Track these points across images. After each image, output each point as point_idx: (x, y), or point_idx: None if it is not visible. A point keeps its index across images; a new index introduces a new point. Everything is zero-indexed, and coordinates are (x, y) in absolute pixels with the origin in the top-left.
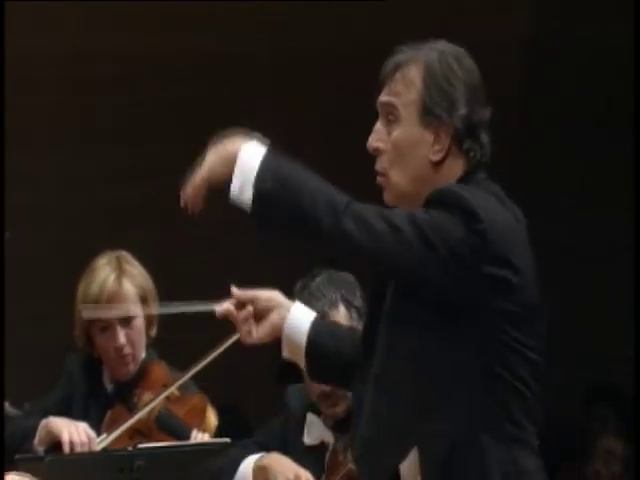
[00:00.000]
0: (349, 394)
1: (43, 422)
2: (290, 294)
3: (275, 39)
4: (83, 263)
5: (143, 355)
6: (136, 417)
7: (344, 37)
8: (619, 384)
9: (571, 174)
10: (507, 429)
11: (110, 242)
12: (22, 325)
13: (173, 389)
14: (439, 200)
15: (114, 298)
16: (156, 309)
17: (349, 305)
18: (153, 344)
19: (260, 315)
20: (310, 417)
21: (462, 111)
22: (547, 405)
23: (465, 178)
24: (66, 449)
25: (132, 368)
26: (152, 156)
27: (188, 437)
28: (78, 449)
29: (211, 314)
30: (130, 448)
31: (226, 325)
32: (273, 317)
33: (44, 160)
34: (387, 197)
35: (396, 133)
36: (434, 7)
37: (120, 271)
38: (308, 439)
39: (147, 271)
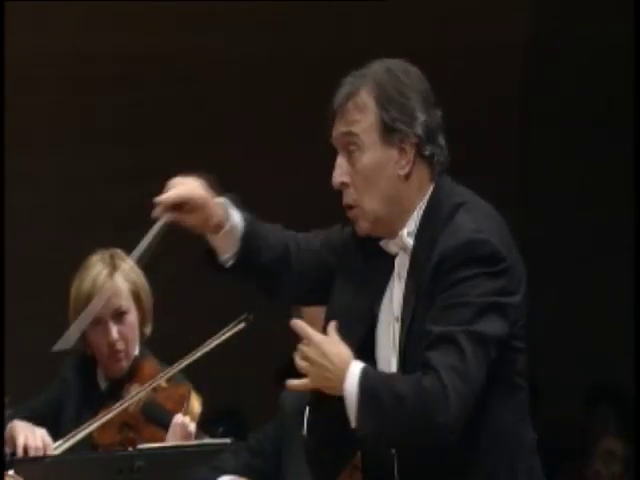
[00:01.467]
0: None
1: (9, 426)
2: None
3: (275, 39)
4: (83, 263)
5: (136, 352)
6: (119, 408)
7: (344, 37)
8: (619, 384)
9: (571, 174)
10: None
11: (110, 242)
12: (22, 325)
13: (159, 381)
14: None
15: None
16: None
17: None
18: (147, 342)
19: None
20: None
21: (421, 119)
22: (547, 405)
23: (438, 187)
24: (19, 452)
25: (125, 364)
26: (152, 156)
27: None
28: (32, 453)
29: None
30: (130, 448)
31: (218, 320)
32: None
33: (44, 160)
34: (362, 226)
35: (361, 161)
36: (434, 7)
37: (112, 267)
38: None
39: (147, 271)
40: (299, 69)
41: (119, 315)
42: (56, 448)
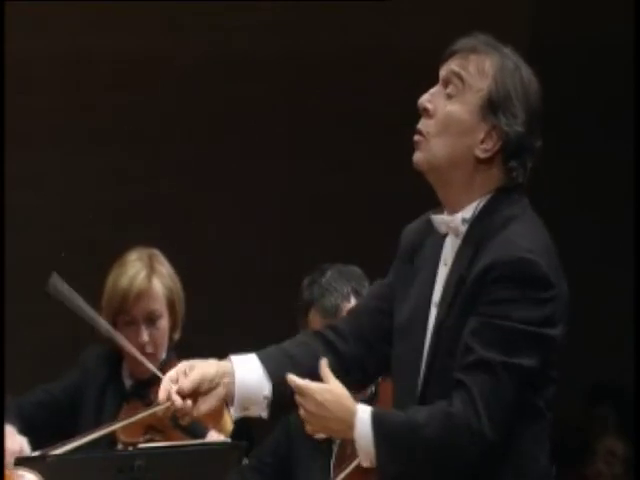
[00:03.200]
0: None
1: None
2: (298, 290)
3: (276, 39)
4: (83, 263)
5: (163, 356)
6: (149, 411)
7: (344, 38)
8: (619, 384)
9: (571, 174)
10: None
11: (110, 242)
12: (22, 325)
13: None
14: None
15: (142, 295)
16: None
17: (359, 297)
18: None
19: (205, 392)
20: None
21: (519, 127)
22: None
23: (502, 193)
24: None
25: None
26: (152, 156)
27: (201, 436)
28: (8, 458)
29: None
30: (130, 448)
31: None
32: (220, 390)
33: (44, 160)
34: (418, 158)
35: (453, 107)
36: (434, 8)
37: (151, 269)
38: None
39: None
40: (299, 69)
41: (152, 319)
42: (76, 443)
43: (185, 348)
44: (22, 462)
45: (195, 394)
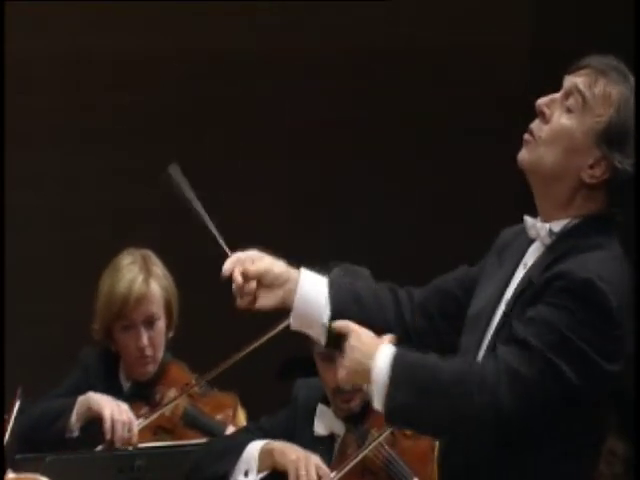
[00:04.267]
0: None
1: (82, 398)
2: None
3: (276, 39)
4: (83, 263)
5: (161, 355)
6: (161, 410)
7: (343, 38)
8: (619, 384)
9: None
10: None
11: (110, 242)
12: (22, 325)
13: (200, 383)
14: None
15: (142, 299)
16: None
17: None
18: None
19: (266, 286)
20: (321, 408)
21: (630, 168)
22: None
23: (594, 221)
24: (107, 426)
25: (152, 368)
26: (152, 156)
27: (217, 433)
28: (119, 429)
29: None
30: (130, 448)
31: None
32: (279, 292)
33: (44, 160)
34: (524, 156)
35: (569, 122)
36: (434, 8)
37: (147, 272)
38: (318, 429)
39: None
40: (300, 69)
41: (150, 321)
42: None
43: (186, 348)
44: (22, 462)
45: (257, 284)
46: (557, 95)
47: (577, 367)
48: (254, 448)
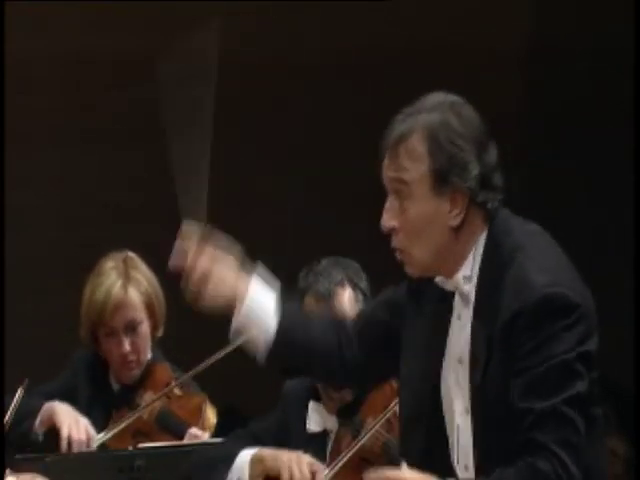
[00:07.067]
0: None
1: (47, 405)
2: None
3: (276, 39)
4: (83, 263)
5: (149, 356)
6: (135, 415)
7: (343, 39)
8: (619, 383)
9: (570, 174)
10: None
11: (110, 242)
12: (22, 325)
13: (172, 387)
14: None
15: (120, 306)
16: None
17: (355, 286)
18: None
19: (214, 283)
20: (313, 404)
21: (475, 171)
22: None
23: (493, 230)
24: (63, 445)
25: (137, 372)
26: (152, 156)
27: (184, 435)
28: (75, 447)
29: None
30: (130, 448)
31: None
32: (227, 291)
33: (44, 160)
34: (410, 271)
35: (411, 211)
36: (434, 8)
37: (126, 278)
38: (311, 426)
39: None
40: (300, 69)
41: (132, 326)
42: (98, 440)
43: (185, 348)
44: (22, 462)
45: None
46: (388, 202)
47: (584, 373)
48: (245, 456)
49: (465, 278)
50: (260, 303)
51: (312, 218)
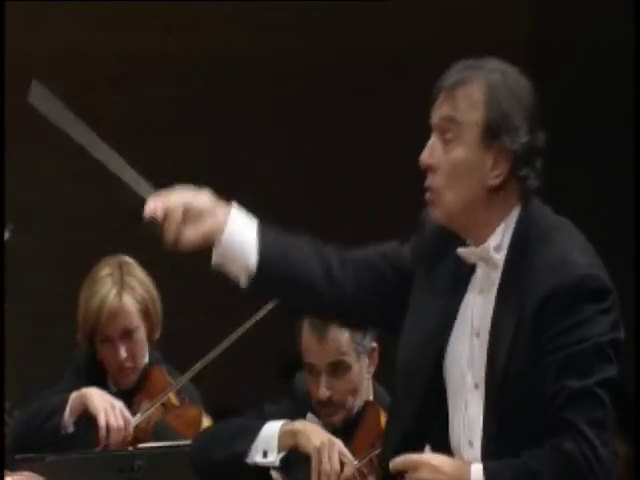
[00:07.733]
0: (348, 403)
1: (76, 393)
2: None
3: (276, 39)
4: (84, 263)
5: (146, 360)
6: (133, 424)
7: (344, 38)
8: (619, 384)
9: (570, 173)
10: None
11: (110, 242)
12: (22, 325)
13: (168, 393)
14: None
15: (115, 314)
16: None
17: None
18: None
19: (192, 219)
20: (310, 417)
21: (524, 138)
22: None
23: (528, 207)
24: (102, 433)
25: (133, 378)
26: (152, 156)
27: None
28: (114, 436)
29: None
30: (130, 448)
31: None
32: (203, 227)
33: (45, 160)
34: (436, 215)
35: (455, 153)
36: (433, 8)
37: (121, 285)
38: None
39: (148, 271)
40: (300, 69)
41: (128, 334)
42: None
43: (185, 348)
44: (22, 462)
45: (182, 219)
46: (432, 139)
47: (615, 359)
48: (272, 428)
49: (496, 248)
50: (240, 235)
51: (312, 218)
